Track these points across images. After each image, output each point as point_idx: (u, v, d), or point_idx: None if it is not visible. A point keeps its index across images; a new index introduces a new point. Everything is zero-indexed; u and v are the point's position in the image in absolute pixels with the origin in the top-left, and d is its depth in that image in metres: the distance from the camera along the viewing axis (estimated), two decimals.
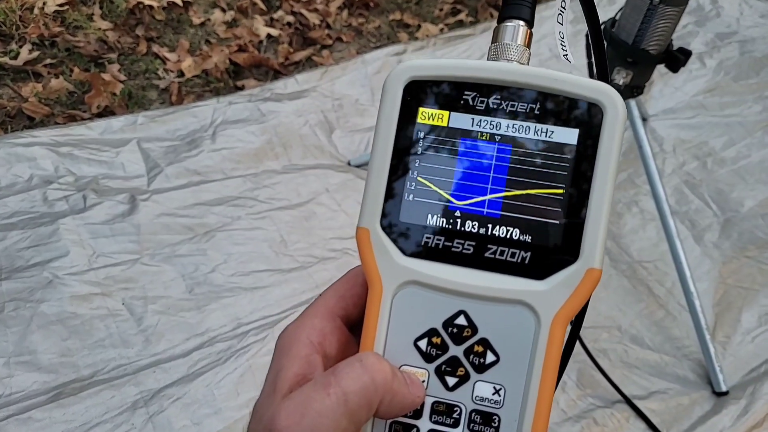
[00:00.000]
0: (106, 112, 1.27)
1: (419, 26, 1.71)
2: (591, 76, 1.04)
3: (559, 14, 0.31)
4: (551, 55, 1.50)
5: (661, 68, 0.98)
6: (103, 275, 0.92)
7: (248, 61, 1.46)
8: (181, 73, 1.41)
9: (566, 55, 0.31)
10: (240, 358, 0.85)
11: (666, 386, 0.93)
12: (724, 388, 0.91)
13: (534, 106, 0.26)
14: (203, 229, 1.02)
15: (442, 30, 1.70)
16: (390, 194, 0.27)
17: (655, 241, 1.12)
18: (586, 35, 1.01)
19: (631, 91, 1.01)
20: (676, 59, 0.93)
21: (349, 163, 1.22)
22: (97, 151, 1.12)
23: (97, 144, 1.13)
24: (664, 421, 0.89)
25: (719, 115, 1.38)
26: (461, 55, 1.53)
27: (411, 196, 0.27)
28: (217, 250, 0.99)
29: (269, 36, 1.57)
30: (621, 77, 0.98)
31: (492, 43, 0.29)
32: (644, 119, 1.34)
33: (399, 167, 0.27)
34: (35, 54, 1.34)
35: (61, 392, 0.79)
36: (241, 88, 1.39)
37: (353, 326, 0.29)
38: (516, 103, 0.26)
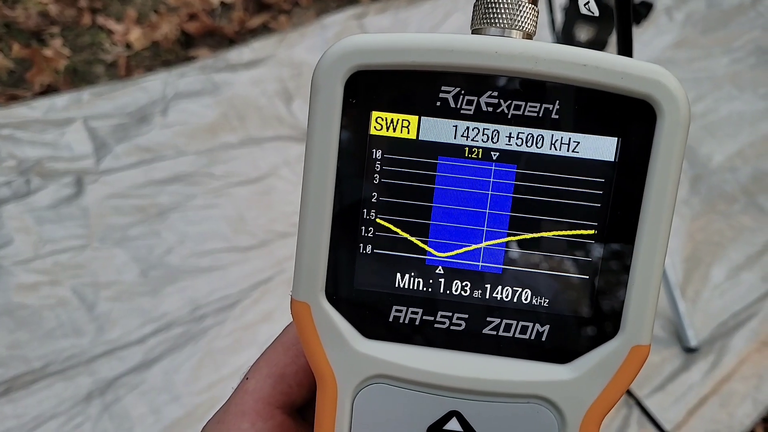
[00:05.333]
0: (49, 90, 1.20)
1: None
2: (554, 32, 1.00)
3: None
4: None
5: None
6: (51, 263, 0.88)
7: (200, 29, 1.39)
8: (128, 46, 1.33)
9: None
10: (198, 341, 0.82)
11: None
12: (693, 344, 0.91)
13: (550, 105, 0.18)
14: (156, 210, 0.97)
15: None
16: (336, 247, 0.18)
17: None
18: None
19: (593, 48, 0.97)
20: (637, 12, 0.90)
21: None
22: (41, 132, 1.06)
23: (40, 124, 1.07)
24: (635, 380, 0.88)
25: (687, 69, 1.36)
26: (425, 18, 1.46)
27: (369, 248, 0.19)
28: (171, 231, 0.95)
29: (223, 3, 1.49)
30: (583, 33, 0.94)
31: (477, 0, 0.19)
32: None
33: (346, 205, 0.18)
34: None
35: (10, 387, 0.76)
36: (194, 59, 1.32)
37: (303, 409, 0.21)
38: (522, 102, 0.18)
